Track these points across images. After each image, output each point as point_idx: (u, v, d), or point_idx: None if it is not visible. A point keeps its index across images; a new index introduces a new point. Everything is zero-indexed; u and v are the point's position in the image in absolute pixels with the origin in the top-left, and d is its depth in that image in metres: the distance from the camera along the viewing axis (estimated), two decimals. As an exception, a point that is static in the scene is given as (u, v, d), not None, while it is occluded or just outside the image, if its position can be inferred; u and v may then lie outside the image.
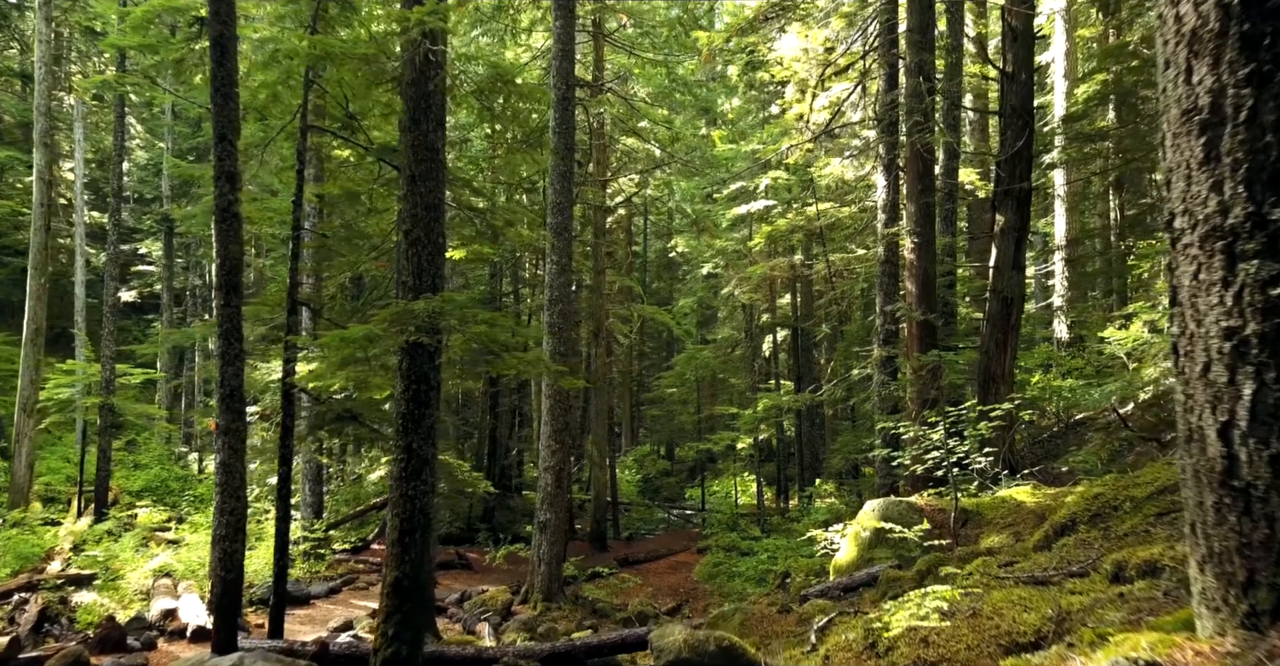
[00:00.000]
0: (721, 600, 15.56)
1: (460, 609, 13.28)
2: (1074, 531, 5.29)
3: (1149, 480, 5.28)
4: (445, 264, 6.90)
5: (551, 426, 13.96)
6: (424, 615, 6.52)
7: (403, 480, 6.58)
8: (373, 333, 6.22)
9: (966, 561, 6.46)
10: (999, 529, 7.47)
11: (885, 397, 12.32)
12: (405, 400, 6.65)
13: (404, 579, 6.42)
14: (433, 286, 6.74)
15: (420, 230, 6.78)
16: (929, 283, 12.37)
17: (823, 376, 24.44)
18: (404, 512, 6.52)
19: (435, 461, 6.75)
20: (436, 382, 6.80)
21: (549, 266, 14.24)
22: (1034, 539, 5.73)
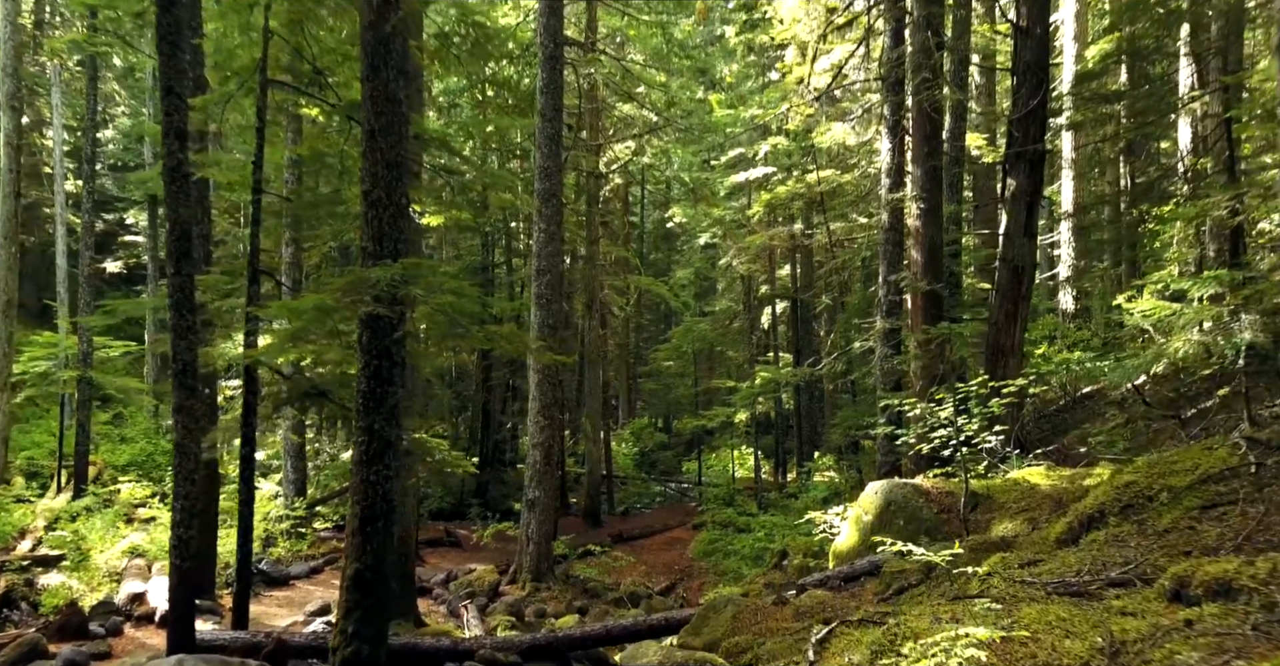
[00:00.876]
0: (717, 579, 15.13)
1: (446, 589, 12.83)
2: (1103, 524, 4.73)
3: (1187, 466, 4.71)
4: (410, 228, 6.29)
5: (540, 402, 13.42)
6: (387, 611, 6.00)
7: (364, 464, 6.02)
8: (324, 304, 5.62)
9: (979, 553, 5.92)
10: (1011, 514, 6.93)
11: (888, 372, 11.75)
12: (366, 377, 6.07)
13: (365, 571, 5.88)
14: (395, 252, 6.12)
15: (381, 190, 6.15)
16: (935, 251, 11.74)
17: (822, 349, 23.86)
18: (365, 499, 5.97)
19: (400, 443, 6.19)
20: (400, 358, 6.21)
21: (537, 235, 13.60)
22: (1055, 530, 5.17)
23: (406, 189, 6.33)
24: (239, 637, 7.49)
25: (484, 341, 6.19)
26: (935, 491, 7.67)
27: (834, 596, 6.59)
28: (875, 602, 6.13)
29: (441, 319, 5.96)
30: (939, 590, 5.20)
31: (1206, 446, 5.00)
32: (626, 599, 13.40)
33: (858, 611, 5.19)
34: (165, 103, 7.27)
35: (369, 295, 5.72)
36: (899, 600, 5.94)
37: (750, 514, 18.64)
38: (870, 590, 6.52)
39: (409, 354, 7.63)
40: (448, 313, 5.86)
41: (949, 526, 7.31)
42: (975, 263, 19.30)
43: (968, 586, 4.47)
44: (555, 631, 7.35)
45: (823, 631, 4.15)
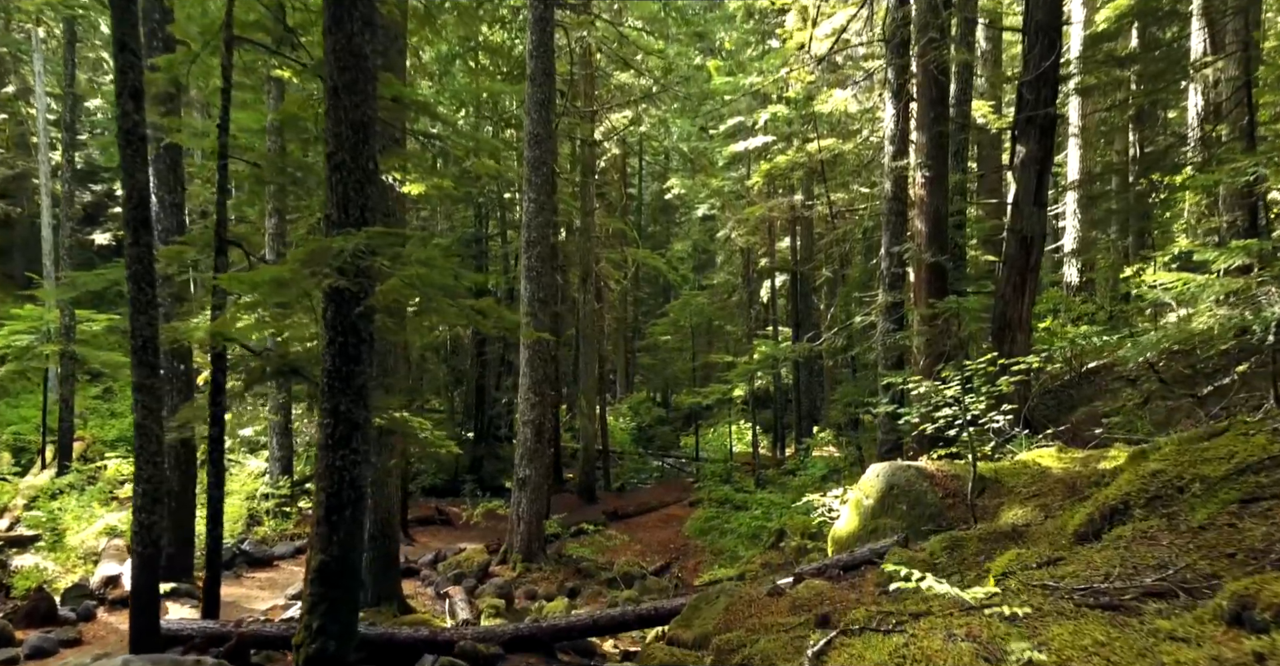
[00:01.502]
0: (713, 558, 14.83)
1: (434, 570, 12.50)
2: (1128, 517, 4.32)
3: (1221, 454, 4.30)
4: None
5: (531, 378, 13.01)
6: (356, 604, 5.63)
7: (330, 448, 5.61)
8: (281, 276, 5.18)
9: (989, 543, 5.53)
10: (1022, 500, 6.53)
11: (890, 347, 11.32)
12: (331, 355, 5.64)
13: (332, 563, 5.49)
14: (361, 220, 5.66)
15: (345, 153, 5.68)
16: (940, 221, 11.27)
17: (822, 323, 23.43)
18: (331, 486, 5.56)
19: (369, 426, 5.78)
20: (369, 334, 5.77)
21: (526, 204, 13.10)
22: (1073, 521, 4.77)
23: (374, 152, 5.86)
24: (207, 627, 7.13)
25: (458, 317, 5.77)
26: (940, 474, 7.27)
27: (832, 587, 6.21)
28: (876, 595, 5.75)
29: (412, 293, 5.52)
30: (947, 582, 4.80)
31: (1242, 431, 4.58)
32: (620, 579, 13.09)
33: (858, 609, 4.80)
34: (119, 60, 6.78)
35: (330, 267, 5.27)
36: (903, 593, 5.55)
37: (747, 491, 18.31)
38: (871, 580, 6.14)
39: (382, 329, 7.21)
40: (417, 286, 5.43)
41: (954, 512, 6.93)
42: (979, 234, 18.80)
43: (982, 587, 4.07)
44: (539, 621, 6.99)
45: (820, 642, 3.75)
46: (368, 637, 7.03)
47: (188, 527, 10.68)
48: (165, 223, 10.54)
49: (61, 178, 18.23)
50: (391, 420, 8.16)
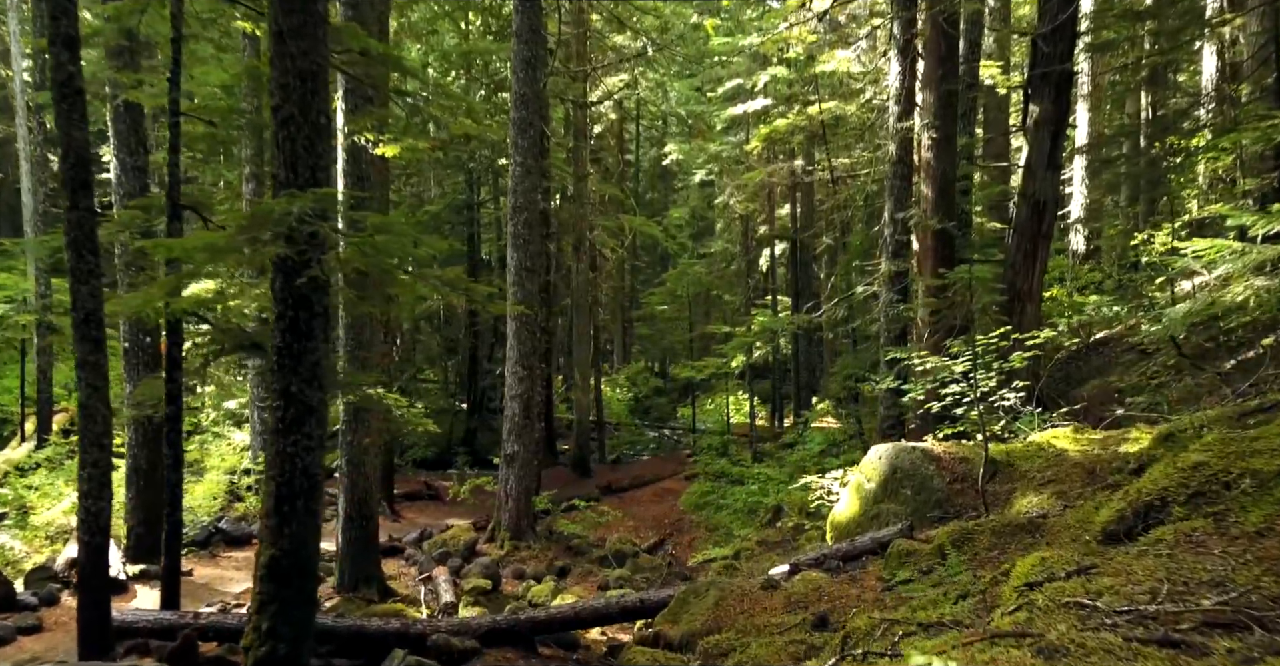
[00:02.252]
0: (708, 535, 14.43)
1: (418, 549, 12.08)
2: (1165, 515, 3.82)
3: (1274, 445, 3.79)
4: (330, 152, 5.25)
5: (518, 350, 12.48)
6: (312, 603, 5.16)
7: (281, 433, 5.10)
8: (215, 243, 4.63)
9: (1004, 537, 5.05)
10: (1037, 486, 6.05)
11: (893, 319, 10.80)
12: (281, 330, 5.11)
13: (283, 558, 5.01)
14: (313, 180, 5.09)
15: (293, 106, 5.09)
16: (948, 186, 10.68)
17: (822, 293, 22.87)
18: (282, 475, 5.06)
19: (324, 408, 5.26)
20: (323, 308, 5.23)
21: (512, 168, 12.48)
22: (1101, 516, 4.27)
23: (326, 105, 5.27)
24: (163, 619, 6.69)
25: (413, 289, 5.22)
26: (947, 457, 6.78)
27: (831, 580, 5.75)
28: (880, 592, 5.28)
29: (365, 262, 4.98)
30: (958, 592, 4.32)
31: (1294, 419, 4.06)
32: (611, 557, 12.69)
33: (860, 615, 4.33)
34: (50, 5, 6.15)
35: (271, 232, 4.72)
36: (908, 590, 5.08)
37: (744, 464, 17.91)
38: (874, 573, 5.68)
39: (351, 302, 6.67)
40: (369, 253, 4.88)
41: (962, 498, 6.45)
42: (985, 200, 18.17)
43: (999, 598, 3.58)
44: (518, 613, 6.55)
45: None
46: (335, 630, 6.60)
47: (159, 506, 10.22)
48: (127, 186, 9.95)
49: (34, 141, 17.54)
50: (364, 397, 7.66)
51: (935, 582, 4.90)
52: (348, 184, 9.48)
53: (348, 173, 9.47)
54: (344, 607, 7.36)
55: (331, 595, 9.58)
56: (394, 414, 8.21)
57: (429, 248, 5.08)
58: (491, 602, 10.52)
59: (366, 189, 9.54)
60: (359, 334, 9.50)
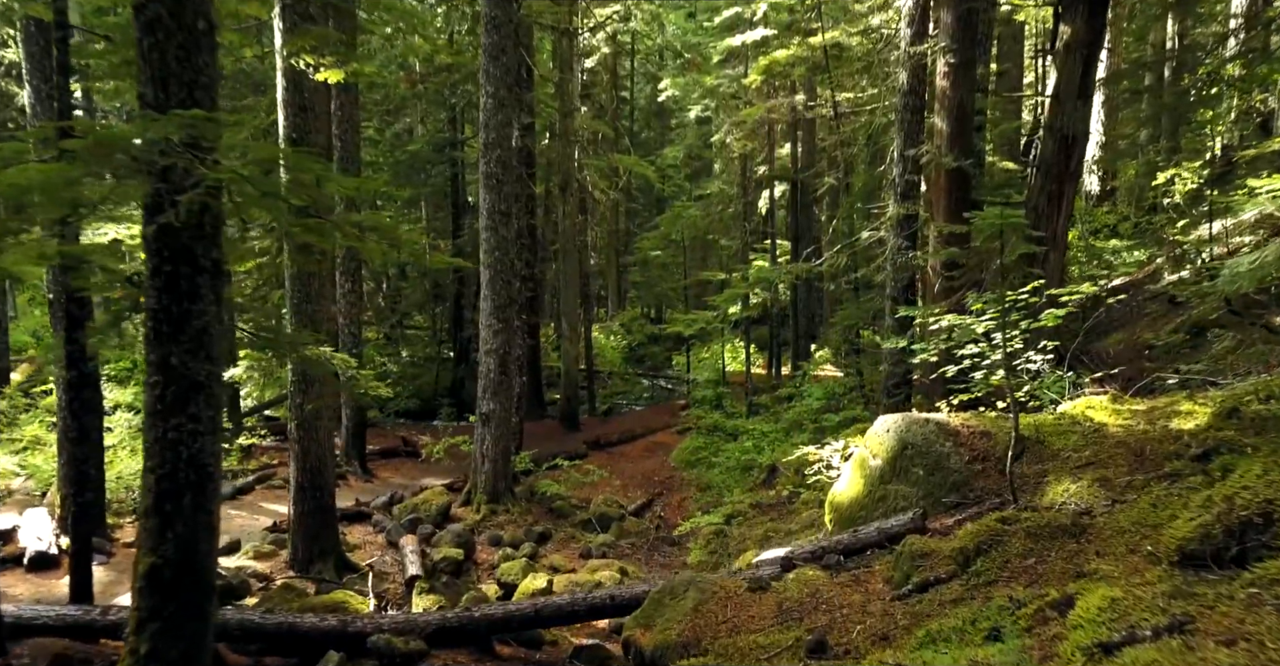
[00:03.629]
0: (699, 495, 13.66)
1: (387, 514, 11.29)
2: (1271, 534, 2.91)
3: None
4: (212, 66, 4.19)
5: (493, 301, 11.51)
6: (206, 617, 4.29)
7: (160, 415, 4.16)
8: (50, 178, 3.63)
9: (1041, 541, 4.16)
10: (1073, 469, 5.15)
11: (900, 268, 9.79)
12: (156, 290, 4.13)
13: (166, 567, 4.12)
14: (190, 100, 4.05)
15: (162, 5, 4.03)
16: (965, 118, 9.57)
17: (824, 236, 21.78)
18: (163, 465, 4.15)
19: (217, 383, 4.32)
20: (214, 262, 4.24)
21: (483, 100, 11.32)
22: (1178, 530, 3.36)
23: (207, 8, 4.19)
24: (67, 615, 5.86)
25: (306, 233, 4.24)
26: (966, 431, 5.87)
27: (831, 580, 4.89)
28: (889, 600, 4.42)
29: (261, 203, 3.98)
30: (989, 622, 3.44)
31: None
32: (595, 521, 11.94)
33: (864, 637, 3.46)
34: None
35: (125, 166, 3.71)
36: (922, 601, 4.22)
37: (739, 417, 17.10)
38: (880, 574, 4.82)
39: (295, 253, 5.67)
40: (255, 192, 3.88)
41: (984, 480, 5.55)
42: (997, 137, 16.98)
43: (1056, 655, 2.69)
44: (472, 609, 5.74)
45: None
46: (263, 628, 5.78)
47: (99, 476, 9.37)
48: (42, 117, 8.84)
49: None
50: (304, 358, 6.71)
51: (957, 598, 4.02)
52: (289, 115, 8.39)
53: (289, 102, 8.36)
54: (278, 598, 6.54)
55: (285, 569, 8.82)
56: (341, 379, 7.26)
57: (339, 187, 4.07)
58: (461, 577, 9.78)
59: (310, 121, 8.45)
60: (306, 286, 8.52)
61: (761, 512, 11.39)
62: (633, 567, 10.18)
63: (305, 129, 8.40)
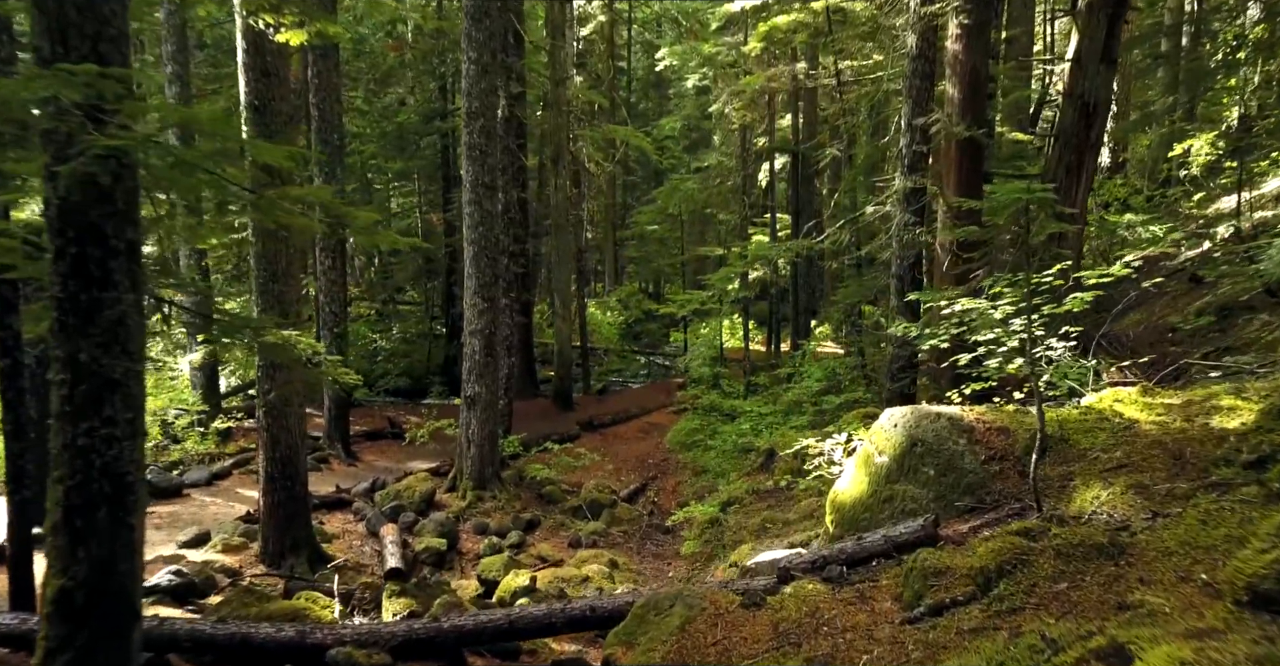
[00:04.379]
0: (694, 479, 13.20)
1: (368, 502, 10.83)
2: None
3: None
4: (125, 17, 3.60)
5: (477, 280, 10.96)
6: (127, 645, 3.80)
7: (68, 418, 3.64)
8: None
9: (1074, 565, 3.65)
10: (1103, 473, 4.64)
11: (907, 245, 9.21)
12: (61, 275, 3.59)
13: (78, 591, 3.63)
14: (94, 56, 3.47)
15: (58, -58, 3.44)
16: (979, 84, 8.94)
17: (824, 209, 21.17)
18: (73, 475, 3.63)
19: (137, 382, 3.79)
20: (129, 243, 3.69)
21: (466, 67, 10.68)
22: (1245, 565, 2.86)
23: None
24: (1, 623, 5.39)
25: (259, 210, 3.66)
26: (981, 427, 5.35)
27: (833, 596, 4.41)
28: (899, 623, 3.93)
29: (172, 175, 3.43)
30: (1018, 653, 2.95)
31: None
32: (585, 508, 11.49)
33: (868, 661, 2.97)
34: None
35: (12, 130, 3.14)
36: (937, 627, 3.73)
37: (737, 397, 16.62)
38: (888, 591, 4.33)
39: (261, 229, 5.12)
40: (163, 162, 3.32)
41: (1002, 482, 5.05)
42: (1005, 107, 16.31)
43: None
44: (440, 620, 5.27)
45: None
46: (214, 640, 5.32)
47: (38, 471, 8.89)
48: None
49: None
50: (265, 344, 6.18)
51: (978, 627, 3.53)
52: (250, 80, 7.79)
53: (250, 66, 7.77)
54: (236, 604, 6.07)
55: (255, 563, 8.36)
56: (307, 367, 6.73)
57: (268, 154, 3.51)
58: (443, 568, 9.34)
59: (273, 87, 7.85)
60: (273, 265, 7.97)
61: (759, 499, 10.93)
62: (623, 558, 9.74)
63: (268, 96, 7.81)
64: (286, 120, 8.00)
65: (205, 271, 13.36)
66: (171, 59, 12.80)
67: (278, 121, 7.88)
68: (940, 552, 4.26)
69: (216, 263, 16.13)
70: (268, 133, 7.84)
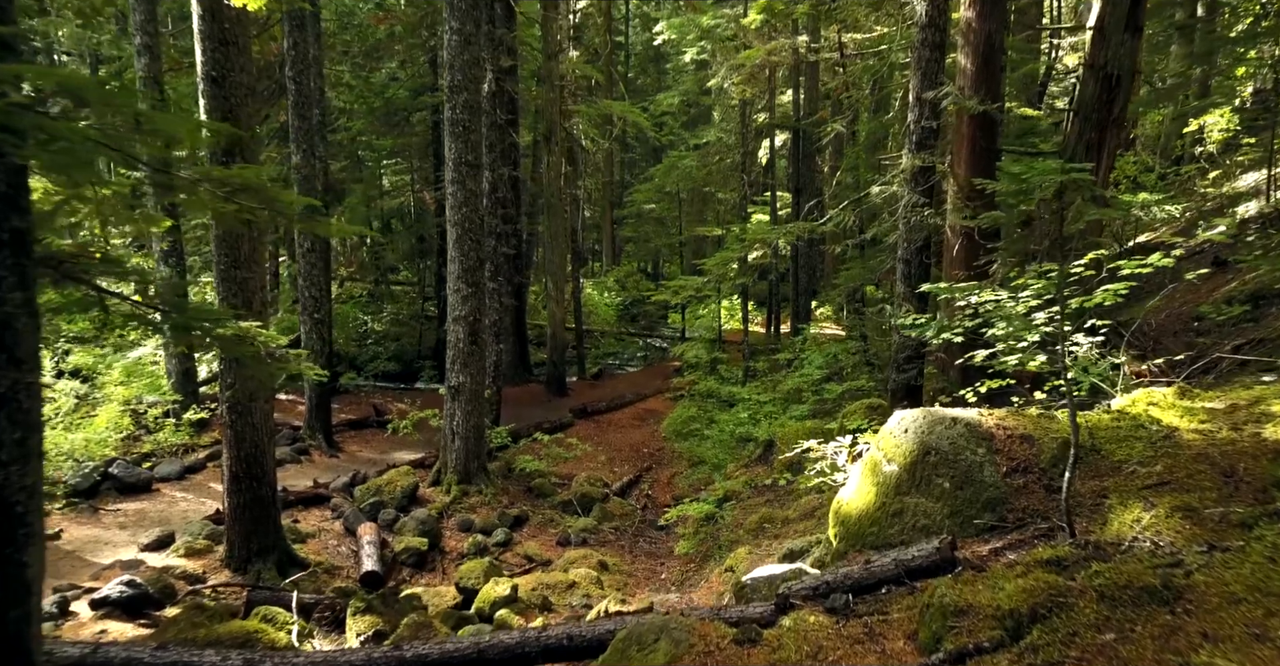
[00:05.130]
0: (690, 471, 12.70)
1: (347, 497, 10.34)
2: None
3: None
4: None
5: (461, 264, 10.40)
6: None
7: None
8: None
9: (1121, 611, 3.13)
10: (1141, 490, 4.11)
11: (915, 227, 8.65)
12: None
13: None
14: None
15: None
16: (994, 55, 8.33)
17: (826, 187, 20.54)
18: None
19: (30, 394, 3.25)
20: (15, 232, 3.14)
21: (447, 37, 10.05)
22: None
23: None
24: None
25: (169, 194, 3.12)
26: (1001, 434, 4.82)
27: (837, 632, 3.90)
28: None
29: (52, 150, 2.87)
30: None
31: None
32: (576, 502, 11.01)
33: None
34: None
35: None
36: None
37: (735, 383, 16.11)
38: (901, 627, 3.81)
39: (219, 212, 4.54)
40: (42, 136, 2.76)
41: (1026, 498, 4.52)
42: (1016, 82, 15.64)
43: None
44: (401, 648, 4.77)
45: None
46: None
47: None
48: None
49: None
50: (220, 338, 5.63)
51: None
52: (207, 50, 7.18)
53: (206, 35, 7.16)
54: (184, 624, 5.56)
55: (220, 569, 7.88)
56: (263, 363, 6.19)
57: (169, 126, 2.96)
58: (423, 572, 8.87)
59: (233, 57, 7.25)
60: (235, 250, 7.41)
61: (757, 494, 10.45)
62: (614, 558, 9.28)
63: (227, 66, 7.21)
64: (248, 93, 7.40)
65: (181, 258, 12.75)
66: (141, 29, 12.15)
67: (238, 95, 7.28)
68: (961, 585, 3.74)
69: (196, 246, 15.55)
70: (227, 107, 7.27)
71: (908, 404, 8.53)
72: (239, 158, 7.33)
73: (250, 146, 7.43)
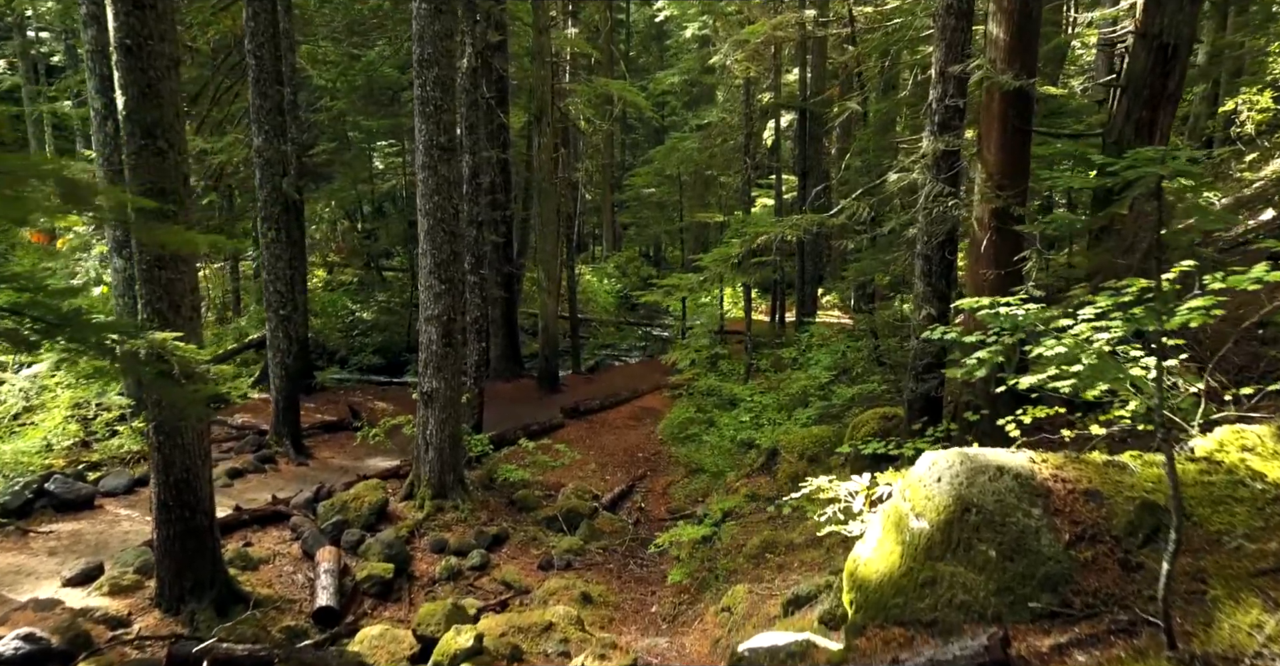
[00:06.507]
0: (687, 480, 11.77)
1: (309, 515, 9.42)
2: None
3: None
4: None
5: (433, 258, 9.43)
6: None
7: None
8: None
9: None
10: (1253, 576, 3.16)
11: (937, 219, 7.64)
12: None
13: None
14: None
15: None
16: (1029, 23, 7.27)
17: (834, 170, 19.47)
18: None
19: None
20: None
21: (416, 5, 9.01)
22: None
23: None
24: None
25: None
26: (1061, 489, 3.86)
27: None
28: None
29: None
30: None
31: None
32: (561, 518, 10.10)
33: None
34: None
35: None
36: None
37: (736, 379, 15.15)
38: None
39: None
40: None
41: (1097, 578, 3.57)
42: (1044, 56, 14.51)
43: None
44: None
45: None
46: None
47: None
48: None
49: None
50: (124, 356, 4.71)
51: None
52: (120, 13, 6.20)
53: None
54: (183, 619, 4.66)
55: (149, 609, 6.98)
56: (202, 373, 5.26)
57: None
58: (387, 602, 7.98)
59: (152, 23, 6.25)
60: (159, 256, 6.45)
61: (759, 509, 9.54)
62: (600, 586, 8.38)
63: (144, 33, 6.23)
64: (171, 65, 6.41)
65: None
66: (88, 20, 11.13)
67: (158, 67, 6.30)
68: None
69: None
70: (145, 81, 6.29)
71: (927, 420, 7.59)
72: (161, 139, 6.36)
73: (175, 127, 6.45)
